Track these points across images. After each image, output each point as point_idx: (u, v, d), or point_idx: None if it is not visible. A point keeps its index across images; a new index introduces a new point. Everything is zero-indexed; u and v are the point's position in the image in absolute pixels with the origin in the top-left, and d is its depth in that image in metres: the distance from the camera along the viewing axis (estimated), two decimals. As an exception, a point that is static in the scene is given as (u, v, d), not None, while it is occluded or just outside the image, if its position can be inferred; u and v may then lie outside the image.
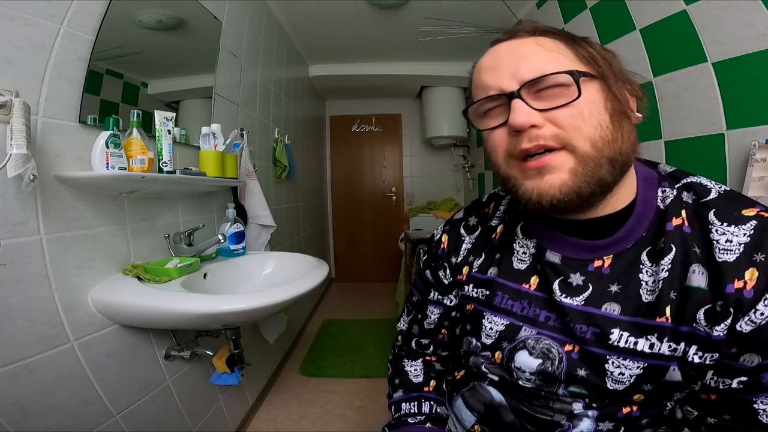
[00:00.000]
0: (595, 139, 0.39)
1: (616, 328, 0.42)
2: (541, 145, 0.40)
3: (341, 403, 1.68)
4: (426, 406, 0.59)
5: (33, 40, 0.72)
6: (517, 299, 0.50)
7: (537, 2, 1.97)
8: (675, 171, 0.47)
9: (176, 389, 1.08)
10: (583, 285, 0.45)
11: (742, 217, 0.39)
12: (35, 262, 0.72)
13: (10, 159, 0.60)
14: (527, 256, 0.51)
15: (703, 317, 0.39)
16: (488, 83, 0.43)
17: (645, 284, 0.42)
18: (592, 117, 0.39)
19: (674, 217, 0.42)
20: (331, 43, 2.61)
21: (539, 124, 0.40)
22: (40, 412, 0.73)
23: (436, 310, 0.61)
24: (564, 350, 0.45)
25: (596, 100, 0.40)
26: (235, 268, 1.18)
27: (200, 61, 1.31)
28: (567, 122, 0.39)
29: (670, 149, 1.23)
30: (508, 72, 0.42)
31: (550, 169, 0.40)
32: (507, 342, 0.49)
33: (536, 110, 0.40)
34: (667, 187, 0.45)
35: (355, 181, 3.85)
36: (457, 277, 0.57)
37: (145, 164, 0.87)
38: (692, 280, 0.40)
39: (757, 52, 0.97)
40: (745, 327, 0.37)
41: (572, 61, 0.41)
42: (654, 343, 0.41)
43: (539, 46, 0.42)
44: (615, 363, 0.42)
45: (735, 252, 0.38)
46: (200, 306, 0.78)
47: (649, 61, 1.27)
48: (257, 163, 1.71)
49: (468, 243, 0.58)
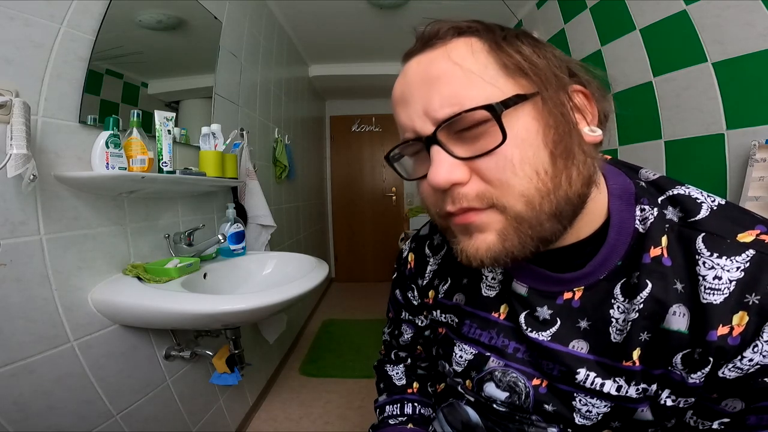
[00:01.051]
0: (530, 195, 0.32)
1: (583, 368, 0.39)
2: (464, 207, 0.33)
3: (341, 403, 1.68)
4: (408, 407, 0.59)
5: (33, 40, 0.72)
6: (486, 328, 0.46)
7: (537, 2, 1.97)
8: (659, 179, 0.39)
9: (176, 389, 1.08)
10: (550, 319, 0.41)
11: (736, 246, 0.32)
12: (35, 262, 0.72)
13: (10, 159, 0.60)
14: (496, 282, 0.46)
15: (680, 362, 0.34)
16: (402, 122, 0.36)
17: (615, 321, 0.38)
18: (524, 164, 0.31)
19: (653, 245, 0.36)
20: (331, 43, 2.61)
21: (462, 180, 0.33)
22: (40, 412, 0.73)
23: (409, 330, 0.60)
24: (531, 384, 0.43)
25: (530, 135, 0.32)
26: (235, 268, 1.18)
27: (200, 61, 1.31)
28: (494, 176, 0.32)
29: (670, 149, 1.23)
30: (420, 107, 0.34)
31: (476, 227, 0.34)
32: (475, 372, 0.47)
33: (459, 158, 0.33)
34: (647, 204, 0.37)
35: (355, 181, 3.85)
36: (424, 299, 0.55)
37: (145, 164, 0.87)
38: (671, 323, 0.34)
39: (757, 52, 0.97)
40: (729, 374, 0.32)
41: (495, 79, 0.32)
42: (621, 385, 0.37)
43: (453, 64, 0.33)
44: (582, 401, 0.40)
45: (723, 292, 0.32)
46: (200, 306, 0.78)
47: (649, 61, 1.27)
48: (257, 163, 1.71)
49: (433, 264, 0.54)
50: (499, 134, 0.31)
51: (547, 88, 0.33)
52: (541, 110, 0.33)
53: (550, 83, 0.33)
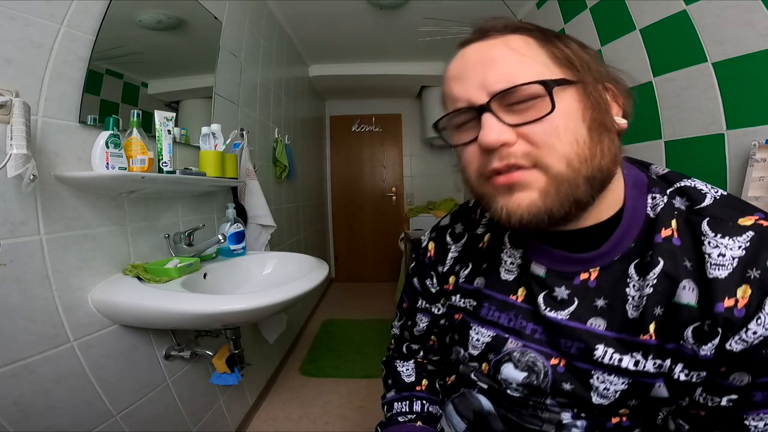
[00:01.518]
0: (570, 158, 0.36)
1: (601, 344, 0.41)
2: (512, 164, 0.37)
3: (341, 403, 1.68)
4: (417, 404, 0.59)
5: (33, 40, 0.72)
6: (504, 311, 0.48)
7: (537, 2, 1.97)
8: (668, 173, 0.44)
9: (176, 389, 1.08)
10: (568, 299, 0.43)
11: (737, 228, 0.37)
12: (35, 262, 0.72)
13: (10, 159, 0.60)
14: (514, 266, 0.49)
15: (690, 335, 0.37)
16: (456, 94, 0.40)
17: (631, 299, 0.40)
18: (567, 132, 0.36)
19: (663, 227, 0.40)
20: (331, 43, 2.61)
21: (510, 141, 0.37)
22: (40, 412, 0.73)
23: (425, 318, 0.61)
24: (549, 364, 0.44)
25: (573, 111, 0.37)
26: (235, 268, 1.18)
27: (200, 61, 1.31)
28: (540, 139, 0.36)
29: (670, 149, 1.23)
30: (476, 81, 0.38)
31: (519, 186, 0.38)
32: (493, 354, 0.48)
33: (508, 125, 0.37)
34: (658, 192, 0.42)
35: (355, 181, 3.85)
36: (443, 286, 0.56)
37: (145, 164, 0.87)
38: (681, 297, 0.37)
39: (757, 52, 0.97)
40: (735, 346, 0.35)
41: (546, 65, 0.38)
42: (639, 360, 0.39)
43: (509, 50, 0.38)
44: (600, 378, 0.41)
45: (727, 267, 0.35)
46: (200, 306, 0.78)
47: (649, 61, 1.27)
48: (257, 163, 1.71)
49: (454, 252, 0.56)
50: (549, 106, 0.35)
51: (588, 78, 0.38)
52: (582, 95, 0.38)
53: (591, 75, 0.39)
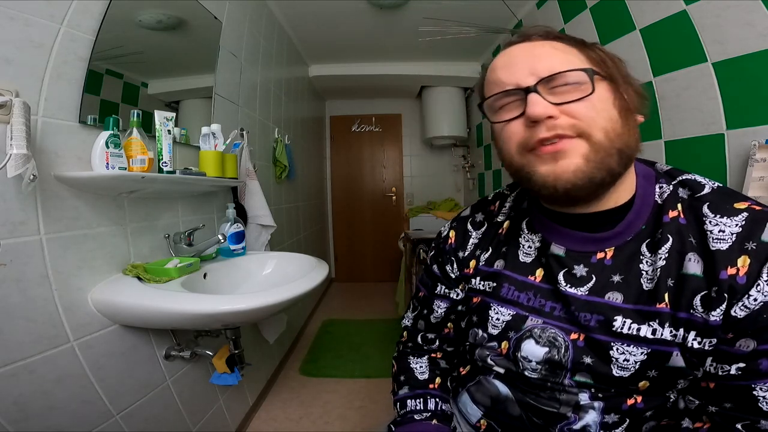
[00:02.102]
0: (608, 130, 0.42)
1: (619, 316, 0.44)
2: (559, 134, 0.41)
3: (341, 403, 1.68)
4: (432, 403, 0.59)
5: (33, 40, 0.72)
6: (524, 290, 0.51)
7: (537, 2, 1.97)
8: (671, 169, 0.50)
9: (176, 389, 1.08)
10: (586, 276, 0.47)
11: (734, 210, 0.42)
12: (35, 262, 0.72)
13: (10, 159, 0.60)
14: (533, 249, 0.53)
15: (699, 303, 0.41)
16: (504, 80, 0.45)
17: (645, 273, 0.44)
18: (604, 111, 0.42)
19: (670, 210, 0.45)
20: (331, 43, 2.61)
21: (555, 115, 0.42)
22: (40, 412, 0.73)
23: (443, 304, 0.62)
24: (570, 338, 0.47)
25: (606, 97, 0.43)
26: (235, 268, 1.18)
27: (200, 61, 1.31)
28: (583, 113, 0.41)
29: (670, 149, 1.23)
30: (525, 69, 0.44)
31: (564, 154, 0.42)
32: (513, 332, 0.51)
33: (553, 104, 0.42)
34: (665, 183, 0.48)
35: (355, 181, 3.84)
36: (464, 270, 0.59)
37: (145, 164, 0.87)
38: (688, 268, 0.42)
39: (757, 52, 0.97)
40: (739, 312, 0.38)
41: (584, 62, 0.44)
42: (656, 328, 0.42)
43: (553, 48, 0.45)
44: (620, 349, 0.44)
45: (728, 241, 0.40)
46: (200, 306, 0.78)
47: (649, 61, 1.27)
48: (257, 163, 1.71)
49: (475, 238, 0.60)
50: (590, 88, 0.42)
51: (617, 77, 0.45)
52: (612, 87, 0.44)
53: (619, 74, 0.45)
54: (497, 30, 2.19)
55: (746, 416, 0.39)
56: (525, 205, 0.58)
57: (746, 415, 0.39)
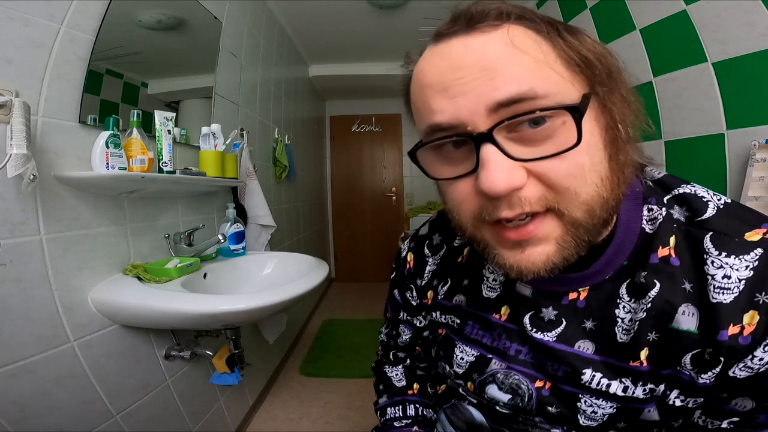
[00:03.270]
0: (593, 204, 0.31)
1: (589, 368, 0.38)
2: (526, 212, 0.30)
3: (341, 403, 1.68)
4: (411, 409, 0.59)
5: (33, 40, 0.72)
6: (488, 330, 0.46)
7: (537, 2, 1.97)
8: (665, 178, 0.39)
9: (176, 389, 1.08)
10: (555, 320, 0.40)
11: (744, 244, 0.32)
12: (35, 262, 0.72)
13: (10, 159, 0.60)
14: (497, 284, 0.46)
15: (689, 362, 0.34)
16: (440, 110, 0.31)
17: (621, 321, 0.37)
18: (592, 171, 0.30)
19: (660, 246, 0.35)
20: (331, 43, 2.61)
21: (521, 184, 0.29)
22: (40, 412, 0.73)
23: (407, 330, 0.59)
24: (534, 386, 0.42)
25: (594, 138, 0.30)
26: (235, 268, 1.18)
27: (200, 61, 1.31)
28: (560, 182, 0.30)
29: (670, 149, 1.23)
30: (472, 97, 0.29)
31: (532, 240, 0.32)
32: (477, 374, 0.46)
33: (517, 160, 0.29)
34: (655, 204, 0.37)
35: (355, 181, 3.84)
36: (423, 300, 0.54)
37: (145, 164, 0.87)
38: (680, 323, 0.34)
39: (757, 52, 0.97)
40: (739, 373, 0.32)
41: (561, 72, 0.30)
42: (628, 386, 0.37)
43: (514, 49, 0.29)
44: (587, 402, 0.39)
45: (733, 291, 0.32)
46: (200, 306, 0.78)
47: (649, 61, 1.27)
48: (257, 163, 1.71)
49: (432, 264, 0.53)
50: (574, 137, 0.28)
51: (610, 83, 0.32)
52: (598, 110, 0.31)
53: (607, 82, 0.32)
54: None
55: None
56: None
57: None
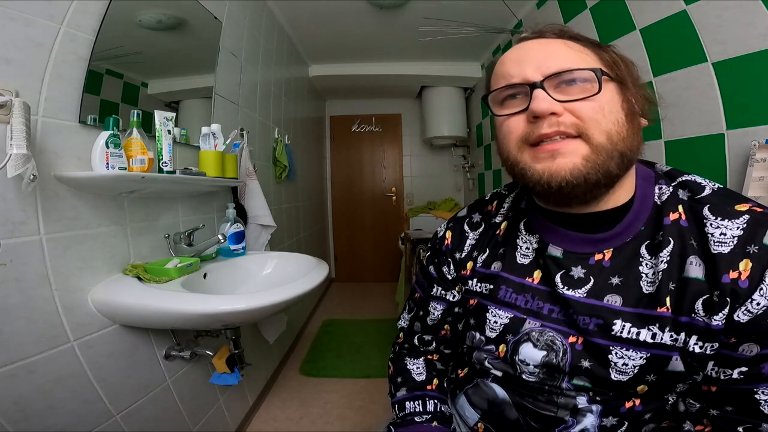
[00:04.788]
0: (611, 133, 0.41)
1: (618, 319, 0.43)
2: (561, 131, 0.41)
3: (341, 403, 1.68)
4: (431, 404, 0.59)
5: (33, 40, 0.72)
6: (521, 293, 0.51)
7: (537, 2, 1.97)
8: (671, 170, 0.49)
9: (176, 389, 1.08)
10: (584, 278, 0.46)
11: (735, 212, 0.41)
12: (35, 262, 0.72)
13: (10, 159, 0.60)
14: (530, 251, 0.52)
15: (701, 307, 0.40)
16: (512, 73, 0.45)
17: (645, 276, 0.44)
18: (611, 114, 0.42)
19: (671, 212, 0.44)
20: (331, 43, 2.61)
21: (559, 112, 0.41)
22: (40, 412, 0.73)
23: (439, 306, 0.62)
24: (568, 342, 0.46)
25: (614, 99, 0.43)
26: (235, 268, 1.18)
27: (200, 61, 1.31)
28: (587, 114, 0.41)
29: (670, 149, 1.23)
30: (534, 64, 0.43)
31: (563, 153, 0.41)
32: (511, 335, 0.50)
33: (558, 101, 0.41)
34: (664, 184, 0.47)
35: (355, 181, 3.84)
36: (461, 272, 0.58)
37: (145, 164, 0.87)
38: (689, 272, 0.41)
39: (757, 52, 0.97)
40: (742, 317, 0.38)
41: (596, 62, 0.44)
42: (656, 333, 0.42)
43: (566, 46, 0.44)
44: (618, 354, 0.43)
45: (729, 244, 0.40)
46: (200, 306, 0.78)
47: (649, 61, 1.27)
48: (257, 163, 1.71)
49: (472, 239, 0.59)
50: (596, 88, 0.41)
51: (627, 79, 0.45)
52: (621, 90, 0.44)
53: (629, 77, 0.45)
54: (497, 30, 2.19)
55: (748, 419, 0.39)
56: (523, 205, 0.57)
57: (748, 418, 0.39)
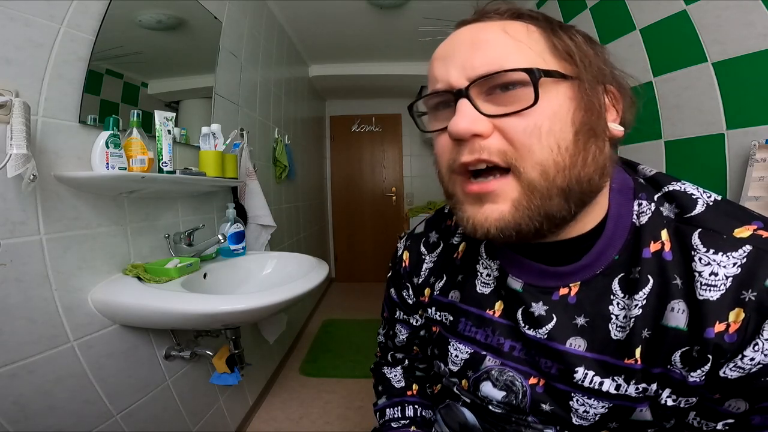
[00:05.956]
0: (546, 166, 0.33)
1: (581, 367, 0.38)
2: (484, 159, 0.34)
3: (341, 403, 1.68)
4: (410, 410, 0.58)
5: (33, 40, 0.72)
6: (481, 326, 0.45)
7: (537, 2, 1.97)
8: (656, 175, 0.40)
9: (176, 389, 1.08)
10: (546, 315, 0.40)
11: (733, 241, 0.33)
12: (35, 262, 0.72)
13: (10, 159, 0.60)
14: (491, 279, 0.46)
15: (678, 360, 0.34)
16: (437, 75, 0.37)
17: (615, 318, 0.37)
18: (550, 135, 0.33)
19: (652, 240, 0.36)
20: (331, 43, 2.61)
21: (484, 133, 0.33)
22: (40, 412, 0.73)
23: (404, 330, 0.59)
24: (528, 383, 0.42)
25: (562, 110, 0.33)
26: (235, 268, 1.18)
27: (200, 61, 1.31)
28: (518, 138, 0.33)
29: (670, 149, 1.23)
30: (459, 63, 0.35)
31: (492, 197, 0.35)
32: (471, 371, 0.46)
33: (485, 115, 0.33)
34: (645, 199, 0.38)
35: (355, 181, 3.84)
36: (419, 297, 0.54)
37: (145, 164, 0.87)
38: (669, 320, 0.34)
39: (757, 52, 0.97)
40: (730, 373, 0.32)
41: (542, 55, 0.34)
42: (620, 384, 0.36)
43: (504, 33, 0.34)
44: (579, 401, 0.39)
45: (720, 288, 0.32)
46: (200, 306, 0.78)
47: (649, 61, 1.27)
48: (257, 163, 1.71)
49: (429, 262, 0.53)
50: (532, 99, 0.32)
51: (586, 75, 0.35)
52: (577, 93, 0.34)
53: (591, 73, 0.35)
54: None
55: None
56: None
57: None
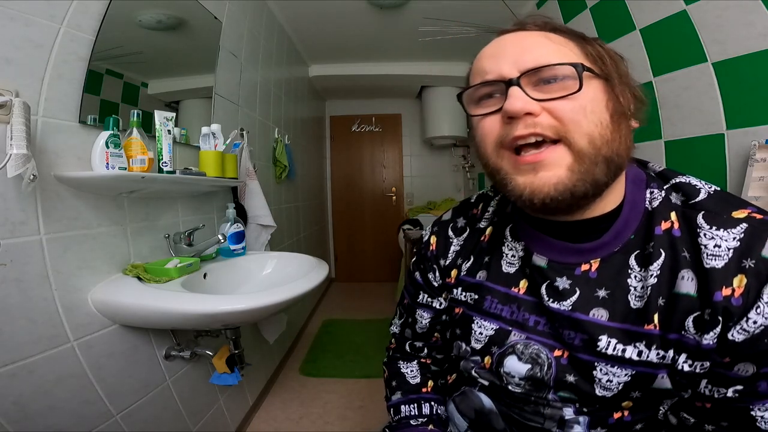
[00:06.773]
0: (593, 137, 0.38)
1: (604, 335, 0.41)
2: (538, 132, 0.38)
3: (341, 403, 1.68)
4: (426, 407, 0.58)
5: (33, 40, 0.72)
6: (506, 303, 0.49)
7: (537, 2, 1.97)
8: (664, 170, 0.46)
9: (176, 389, 1.08)
10: (570, 289, 0.44)
11: (731, 220, 0.38)
12: (35, 262, 0.72)
13: (10, 159, 0.60)
14: (516, 259, 0.50)
15: (691, 325, 0.38)
16: (487, 69, 0.42)
17: (633, 290, 0.41)
18: (593, 114, 0.38)
19: (663, 220, 0.41)
20: (331, 43, 2.61)
21: (536, 112, 0.38)
22: (40, 412, 0.73)
23: (426, 315, 0.60)
24: (553, 355, 0.45)
25: (598, 98, 0.39)
26: (235, 268, 1.18)
27: (200, 61, 1.31)
28: (566, 115, 0.38)
29: (670, 149, 1.23)
30: (510, 59, 0.40)
31: (545, 165, 0.39)
32: (496, 347, 0.48)
33: (535, 99, 0.38)
34: (656, 188, 0.44)
35: (355, 181, 3.84)
36: (446, 279, 0.57)
37: (145, 164, 0.87)
38: (681, 287, 0.39)
39: (757, 52, 0.97)
40: (737, 336, 0.35)
41: (579, 56, 0.40)
42: (642, 350, 0.40)
43: (547, 39, 0.41)
44: (603, 370, 0.41)
45: (723, 258, 0.37)
46: (200, 306, 0.78)
47: (649, 61, 1.27)
48: (257, 163, 1.71)
49: (456, 245, 0.57)
50: (577, 85, 0.38)
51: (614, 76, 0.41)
52: (607, 88, 0.41)
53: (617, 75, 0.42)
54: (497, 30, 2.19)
55: None
56: (509, 209, 0.54)
57: None
